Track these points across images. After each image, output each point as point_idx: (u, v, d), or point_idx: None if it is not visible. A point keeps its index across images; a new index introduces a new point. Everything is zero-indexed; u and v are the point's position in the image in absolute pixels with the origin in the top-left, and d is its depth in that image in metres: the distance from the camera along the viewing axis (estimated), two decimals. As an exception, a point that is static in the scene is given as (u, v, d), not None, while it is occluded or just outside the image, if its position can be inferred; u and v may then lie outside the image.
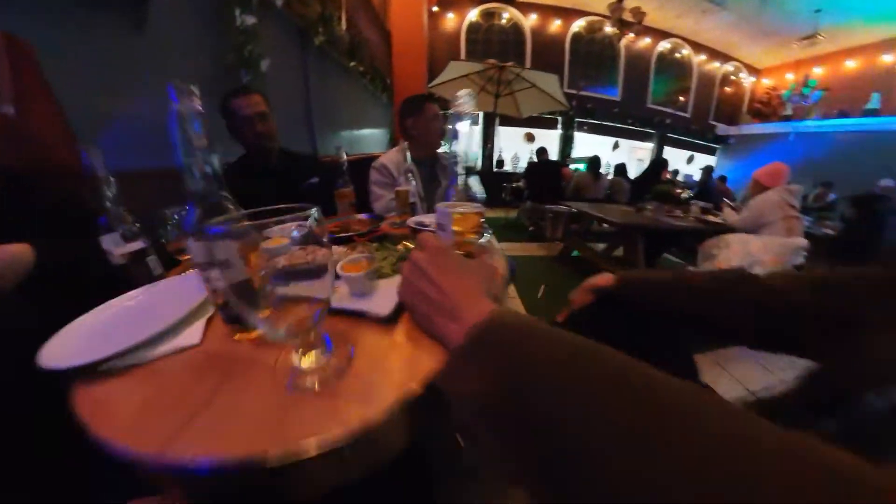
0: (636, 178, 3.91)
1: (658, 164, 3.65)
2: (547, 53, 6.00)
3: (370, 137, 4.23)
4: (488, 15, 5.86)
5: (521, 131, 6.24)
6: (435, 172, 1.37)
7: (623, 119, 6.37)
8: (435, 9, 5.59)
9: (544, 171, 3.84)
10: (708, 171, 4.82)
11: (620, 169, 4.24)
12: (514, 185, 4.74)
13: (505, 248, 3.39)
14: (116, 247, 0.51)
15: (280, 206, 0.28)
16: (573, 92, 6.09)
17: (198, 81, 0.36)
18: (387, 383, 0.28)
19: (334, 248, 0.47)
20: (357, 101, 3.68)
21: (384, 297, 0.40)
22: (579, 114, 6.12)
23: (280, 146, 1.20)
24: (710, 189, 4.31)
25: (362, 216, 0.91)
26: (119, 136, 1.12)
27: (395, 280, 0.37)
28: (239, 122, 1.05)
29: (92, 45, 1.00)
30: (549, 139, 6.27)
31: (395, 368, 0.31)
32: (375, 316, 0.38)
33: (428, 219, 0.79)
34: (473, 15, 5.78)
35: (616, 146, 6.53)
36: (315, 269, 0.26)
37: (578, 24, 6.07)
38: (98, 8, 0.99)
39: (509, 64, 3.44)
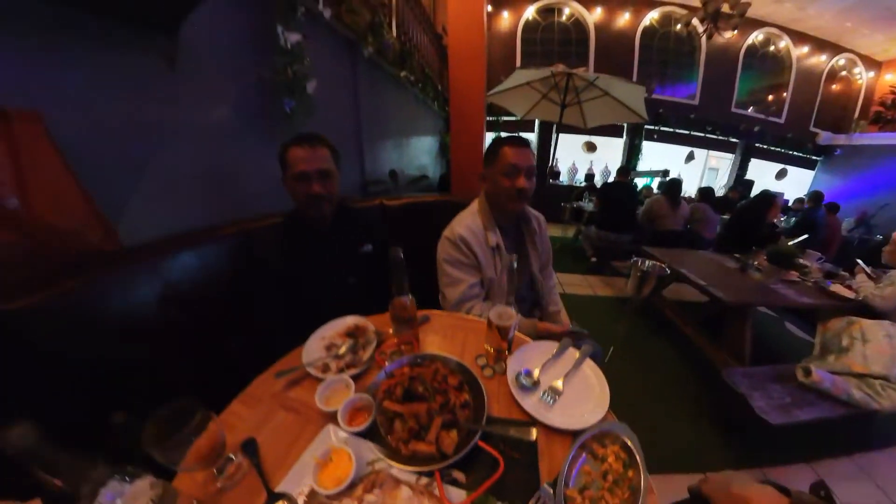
0: (736, 212, 3.09)
1: (765, 199, 2.59)
2: (613, 52, 5.50)
3: (419, 147, 4.04)
4: (547, 12, 5.49)
5: (581, 139, 5.76)
6: (521, 236, 1.02)
7: (700, 126, 5.64)
8: (489, 9, 5.34)
9: (622, 195, 3.34)
10: (816, 198, 3.83)
11: (705, 193, 3.46)
12: (575, 203, 4.26)
13: (562, 282, 3.05)
14: None
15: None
16: (644, 96, 5.53)
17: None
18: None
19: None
20: (406, 111, 3.50)
21: None
22: (649, 120, 5.63)
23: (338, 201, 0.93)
24: (815, 223, 3.43)
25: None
26: (153, 191, 0.90)
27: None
28: (295, 177, 0.81)
29: (115, 96, 0.78)
30: (612, 149, 5.72)
31: None
32: None
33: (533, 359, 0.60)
34: (530, 12, 5.44)
35: (690, 157, 5.79)
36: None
37: (651, 17, 5.49)
38: (119, 52, 0.77)
39: (580, 70, 3.01)
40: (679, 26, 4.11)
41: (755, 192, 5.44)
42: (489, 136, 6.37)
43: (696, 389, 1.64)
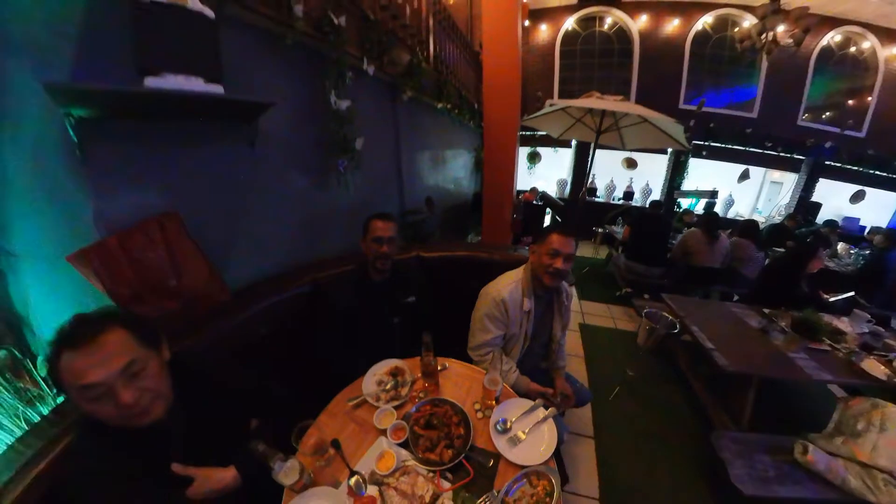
0: (771, 262, 2.77)
1: (806, 251, 2.31)
2: (659, 61, 5.37)
3: (455, 164, 4.34)
4: (587, 21, 5.51)
5: (621, 155, 5.64)
6: (551, 307, 1.33)
7: (759, 141, 5.30)
8: (526, 23, 5.47)
9: (653, 228, 3.30)
10: (891, 238, 3.06)
11: (749, 228, 3.14)
12: (606, 229, 4.32)
13: (584, 311, 3.21)
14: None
15: None
16: (692, 108, 5.35)
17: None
18: None
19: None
20: (442, 134, 3.82)
21: None
22: (698, 135, 5.26)
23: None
24: (885, 268, 2.83)
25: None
26: (257, 243, 1.37)
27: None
28: (372, 240, 1.25)
29: (217, 172, 1.21)
30: (655, 165, 5.61)
31: None
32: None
33: (512, 412, 0.92)
34: (570, 23, 5.50)
35: (745, 176, 5.48)
36: None
37: (704, 21, 5.25)
38: (220, 139, 1.19)
39: (613, 101, 3.08)
40: (737, 44, 3.96)
41: (823, 216, 5.04)
42: (524, 151, 6.52)
43: (693, 445, 1.70)
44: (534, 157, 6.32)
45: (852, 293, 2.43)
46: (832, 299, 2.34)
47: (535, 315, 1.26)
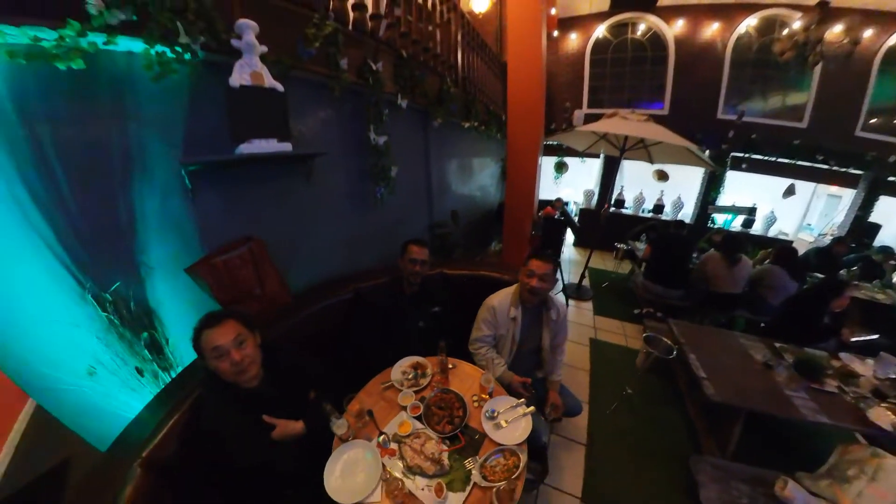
0: (793, 297, 2.60)
1: (832, 287, 2.21)
2: (696, 68, 5.26)
3: (481, 174, 4.66)
4: (619, 28, 5.52)
5: (652, 166, 5.68)
6: (538, 320, 1.59)
7: (809, 153, 5.03)
8: (556, 33, 5.61)
9: (674, 249, 3.27)
10: None
11: (783, 255, 2.89)
12: (627, 245, 4.37)
13: (598, 326, 3.35)
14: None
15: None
16: (731, 118, 5.21)
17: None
18: None
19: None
20: (470, 150, 4.13)
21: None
22: (737, 146, 5.11)
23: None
24: None
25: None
26: (311, 257, 1.77)
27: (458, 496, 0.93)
28: (409, 261, 1.60)
29: (283, 202, 1.64)
30: (689, 178, 5.50)
31: None
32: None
33: (501, 405, 1.25)
34: (601, 31, 5.56)
35: (790, 192, 5.25)
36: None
37: (748, 24, 5.04)
38: (284, 177, 1.61)
39: (642, 119, 3.19)
40: (778, 57, 3.87)
41: (882, 240, 4.71)
42: (550, 161, 6.62)
43: (679, 466, 1.77)
44: (560, 167, 6.43)
45: (876, 336, 2.35)
46: (853, 339, 2.25)
47: (522, 323, 1.55)
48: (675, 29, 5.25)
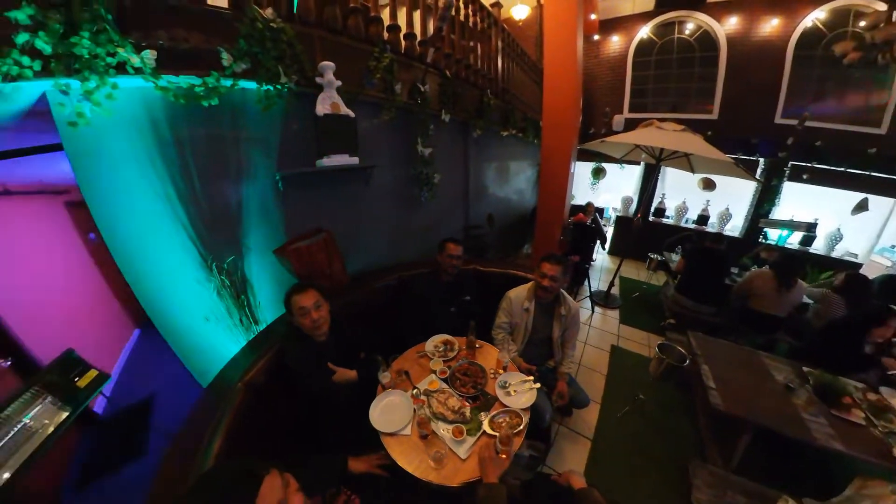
0: (830, 322, 2.47)
1: (879, 316, 2.11)
2: (752, 67, 4.99)
3: (518, 178, 4.94)
4: (664, 28, 5.41)
5: (697, 175, 5.47)
6: (550, 314, 1.84)
7: (887, 164, 4.63)
8: (596, 37, 5.67)
9: (708, 264, 3.20)
10: None
11: (854, 287, 2.60)
12: (661, 255, 4.36)
13: (623, 335, 3.44)
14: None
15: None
16: (791, 123, 4.93)
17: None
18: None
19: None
20: (507, 156, 4.43)
21: (467, 442, 1.24)
22: (798, 154, 4.82)
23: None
24: None
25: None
26: (366, 247, 2.17)
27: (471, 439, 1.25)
28: (445, 256, 1.95)
29: (347, 203, 2.05)
30: (739, 188, 5.16)
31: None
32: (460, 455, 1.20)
33: (513, 379, 1.53)
34: (645, 32, 5.48)
35: (861, 207, 4.84)
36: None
37: (815, 18, 4.65)
38: (349, 183, 2.02)
39: (678, 129, 3.24)
40: (843, 60, 3.66)
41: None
42: (588, 165, 6.63)
43: (681, 472, 1.79)
44: (598, 173, 6.44)
45: None
46: (890, 373, 2.12)
47: (534, 315, 1.83)
48: (727, 26, 5.04)
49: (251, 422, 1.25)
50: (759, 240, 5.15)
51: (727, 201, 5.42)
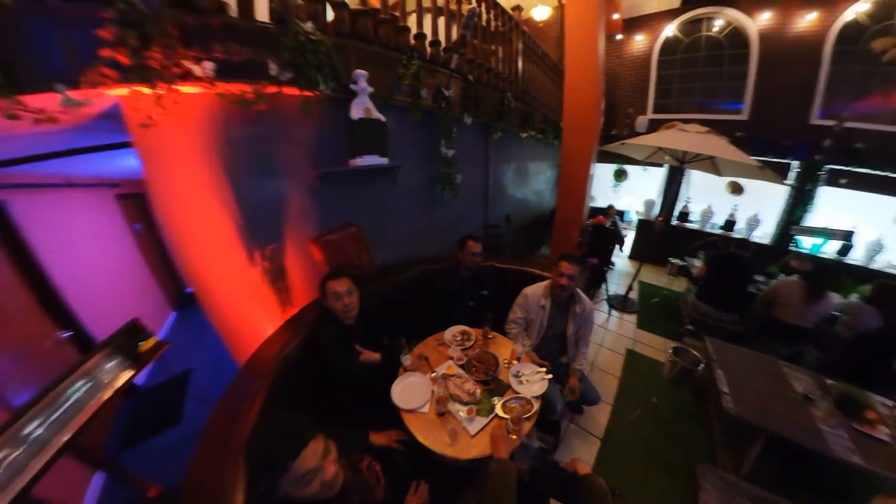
0: (859, 335, 2.38)
1: None
2: (785, 65, 4.80)
3: (537, 179, 5.04)
4: (691, 25, 5.30)
5: (725, 178, 5.07)
6: (565, 311, 1.93)
7: None
8: (619, 37, 5.63)
9: (731, 271, 3.14)
10: None
11: (891, 294, 2.47)
12: (683, 261, 4.30)
13: (640, 340, 3.44)
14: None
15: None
16: (829, 124, 4.74)
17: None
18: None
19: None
20: (526, 157, 4.52)
21: (478, 422, 1.36)
22: (835, 157, 4.60)
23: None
24: None
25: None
26: (391, 242, 2.34)
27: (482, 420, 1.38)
28: (466, 253, 2.09)
29: (375, 200, 2.21)
30: (770, 193, 4.99)
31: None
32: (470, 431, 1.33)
33: (526, 369, 1.64)
34: (670, 30, 5.40)
35: (904, 213, 4.61)
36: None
37: (857, 9, 4.38)
38: (377, 181, 2.17)
39: (701, 131, 3.22)
40: (882, 55, 3.51)
41: None
42: (611, 168, 6.58)
43: (690, 480, 1.74)
44: (620, 175, 6.39)
45: None
46: None
47: (549, 312, 1.92)
48: (759, 22, 4.88)
49: (284, 394, 1.41)
50: (790, 248, 4.98)
51: (756, 206, 5.28)
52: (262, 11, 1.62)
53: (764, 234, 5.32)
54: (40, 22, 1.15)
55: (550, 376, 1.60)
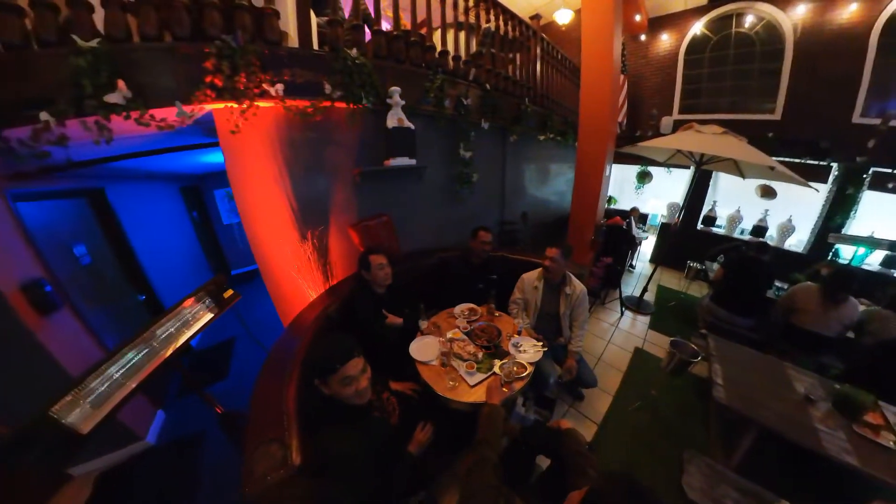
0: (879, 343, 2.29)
1: None
2: (824, 61, 4.60)
3: (556, 179, 5.30)
4: (720, 23, 5.23)
5: (754, 182, 5.00)
6: (556, 292, 2.25)
7: None
8: (643, 37, 5.71)
9: (750, 275, 3.11)
10: None
11: None
12: (702, 265, 4.32)
13: (651, 340, 3.64)
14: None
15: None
16: (874, 123, 4.55)
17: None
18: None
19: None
20: (545, 159, 4.79)
21: (477, 376, 1.72)
22: (882, 159, 4.35)
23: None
24: None
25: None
26: (415, 231, 2.74)
27: (481, 375, 1.74)
28: (477, 242, 2.46)
29: (404, 194, 2.63)
30: (806, 197, 4.63)
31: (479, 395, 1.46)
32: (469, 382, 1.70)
33: (525, 342, 1.95)
34: (698, 28, 5.36)
35: (957, 221, 4.36)
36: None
37: None
38: (406, 179, 2.59)
39: (718, 132, 3.28)
40: None
41: None
42: (634, 169, 6.58)
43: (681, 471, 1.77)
44: (643, 177, 6.42)
45: None
46: None
47: (542, 292, 2.25)
48: (794, 16, 4.70)
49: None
50: (829, 257, 4.70)
51: (790, 211, 5.12)
52: (316, 41, 2.09)
53: (798, 241, 5.16)
54: (163, 57, 1.65)
55: (546, 349, 1.92)
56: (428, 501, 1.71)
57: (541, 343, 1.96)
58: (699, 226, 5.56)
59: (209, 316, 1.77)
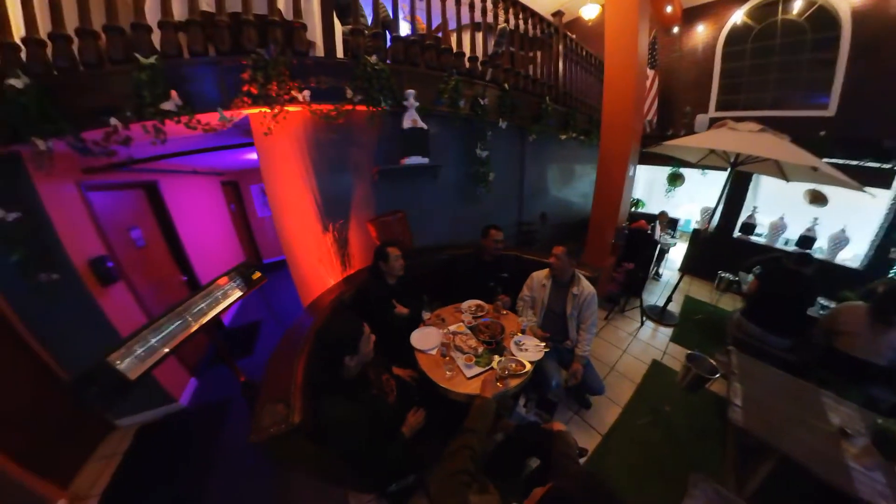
0: None
1: None
2: (891, 50, 4.13)
3: (578, 180, 5.27)
4: (764, 10, 4.82)
5: (802, 186, 4.62)
6: (564, 292, 2.30)
7: None
8: (675, 30, 5.47)
9: (787, 290, 2.78)
10: None
11: None
12: (735, 275, 4.05)
13: (671, 353, 3.59)
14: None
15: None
16: None
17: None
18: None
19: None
20: (567, 159, 4.78)
21: (475, 370, 1.82)
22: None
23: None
24: None
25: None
26: (430, 228, 2.92)
27: (479, 369, 1.84)
28: (489, 240, 2.58)
29: (418, 193, 2.81)
30: (863, 204, 4.20)
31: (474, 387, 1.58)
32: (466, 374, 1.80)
33: (528, 341, 2.02)
34: (738, 17, 4.99)
35: None
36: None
37: None
38: (421, 177, 2.75)
39: (755, 130, 3.00)
40: None
41: None
42: (665, 170, 6.32)
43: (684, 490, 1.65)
44: (675, 180, 6.12)
45: None
46: None
47: (550, 291, 2.32)
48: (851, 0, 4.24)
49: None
50: (891, 273, 4.30)
51: (844, 220, 4.67)
52: (340, 48, 2.30)
53: (854, 255, 4.69)
54: (207, 69, 1.91)
55: (548, 349, 1.98)
56: (418, 484, 1.85)
57: (544, 343, 2.02)
58: (736, 233, 5.22)
59: (238, 294, 2.04)
